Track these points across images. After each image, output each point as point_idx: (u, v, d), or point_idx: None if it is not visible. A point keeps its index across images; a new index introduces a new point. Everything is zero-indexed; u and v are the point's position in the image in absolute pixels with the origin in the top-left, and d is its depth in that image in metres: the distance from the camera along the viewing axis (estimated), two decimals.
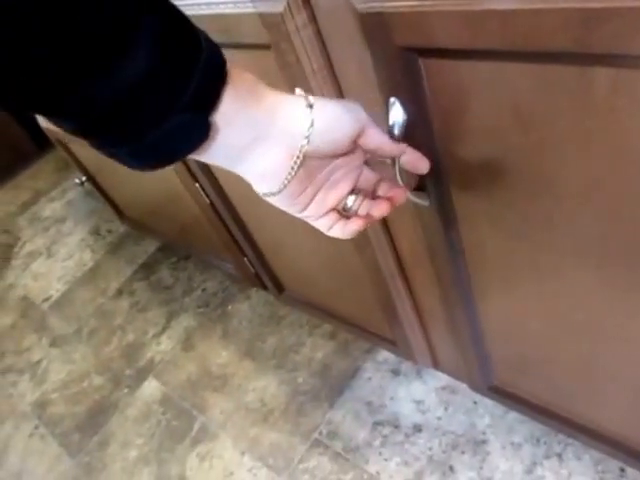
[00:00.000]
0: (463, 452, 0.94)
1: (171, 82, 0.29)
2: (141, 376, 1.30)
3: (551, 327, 0.61)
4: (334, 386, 1.10)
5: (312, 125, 0.36)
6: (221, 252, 1.21)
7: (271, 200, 0.40)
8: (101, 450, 1.20)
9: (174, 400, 1.22)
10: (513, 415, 0.95)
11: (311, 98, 0.37)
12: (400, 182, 0.48)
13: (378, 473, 0.95)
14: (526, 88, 0.38)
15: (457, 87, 0.42)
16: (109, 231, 1.78)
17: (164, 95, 0.30)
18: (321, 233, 0.44)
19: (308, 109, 0.36)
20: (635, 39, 0.30)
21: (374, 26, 0.42)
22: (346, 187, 0.42)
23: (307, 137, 0.36)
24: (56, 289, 1.68)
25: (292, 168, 0.37)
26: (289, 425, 1.07)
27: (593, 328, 0.57)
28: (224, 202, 0.96)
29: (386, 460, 0.96)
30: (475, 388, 0.90)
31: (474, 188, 0.51)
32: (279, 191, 0.38)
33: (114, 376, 1.33)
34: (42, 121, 1.30)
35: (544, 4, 0.31)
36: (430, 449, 0.96)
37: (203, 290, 1.43)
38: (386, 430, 1.00)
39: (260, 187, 0.38)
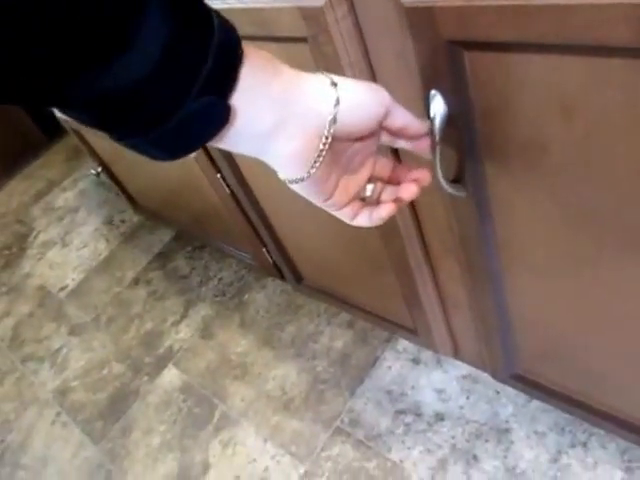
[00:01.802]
0: (487, 441, 0.94)
1: (185, 65, 0.28)
2: (161, 364, 1.31)
3: (584, 317, 0.61)
4: (354, 375, 1.10)
5: (338, 103, 0.34)
6: (239, 242, 1.21)
7: (297, 188, 0.38)
8: (124, 437, 1.21)
9: (194, 388, 1.22)
10: (536, 404, 0.95)
11: (334, 76, 0.35)
12: (439, 171, 0.48)
13: (401, 461, 0.96)
14: (577, 81, 0.37)
15: (502, 80, 0.42)
16: (122, 221, 1.78)
17: (178, 80, 0.28)
18: (345, 223, 0.43)
19: (332, 87, 0.34)
20: None
21: (420, 20, 0.41)
22: (366, 172, 0.41)
23: (334, 115, 0.34)
24: (72, 278, 1.69)
25: (321, 150, 0.35)
26: (310, 413, 1.08)
27: (626, 318, 0.57)
28: (246, 192, 0.95)
29: (409, 448, 0.97)
30: (498, 377, 0.90)
31: (513, 180, 0.50)
32: (308, 176, 0.36)
33: (134, 364, 1.34)
34: (57, 112, 1.30)
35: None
36: (453, 437, 0.96)
37: (219, 279, 1.44)
38: (408, 418, 1.01)
39: (287, 172, 0.36)
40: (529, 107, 0.42)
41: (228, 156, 0.90)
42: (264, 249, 1.12)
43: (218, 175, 0.97)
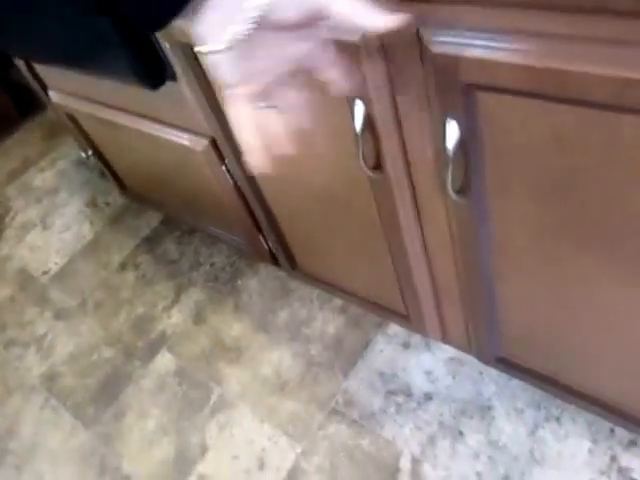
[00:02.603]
0: (471, 417, 1.07)
1: None
2: (154, 348, 1.40)
3: (562, 309, 0.74)
4: (347, 358, 1.22)
5: None
6: (233, 228, 1.30)
7: (219, 59, 0.39)
8: (117, 421, 1.31)
9: (189, 372, 1.32)
10: (516, 383, 1.08)
11: None
12: (449, 182, 0.59)
13: (394, 438, 1.08)
14: (568, 123, 0.49)
15: (508, 115, 0.53)
16: (107, 203, 1.84)
17: None
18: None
19: None
20: None
21: (444, 64, 0.52)
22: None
23: None
24: (55, 262, 1.75)
25: (248, 22, 0.37)
26: (306, 395, 1.19)
27: (597, 312, 0.70)
28: (250, 184, 1.04)
29: (400, 426, 1.10)
30: (483, 359, 1.03)
31: (510, 194, 0.62)
32: (230, 47, 0.38)
33: (125, 348, 1.43)
34: (53, 95, 1.36)
35: (592, 69, 0.42)
36: (441, 415, 1.09)
37: (211, 265, 1.53)
38: (399, 398, 1.13)
39: (213, 37, 0.38)
40: (528, 138, 0.54)
41: (234, 149, 0.98)
42: (260, 236, 1.22)
43: (223, 167, 1.06)
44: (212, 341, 1.36)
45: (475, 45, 0.50)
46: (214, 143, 1.03)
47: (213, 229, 1.42)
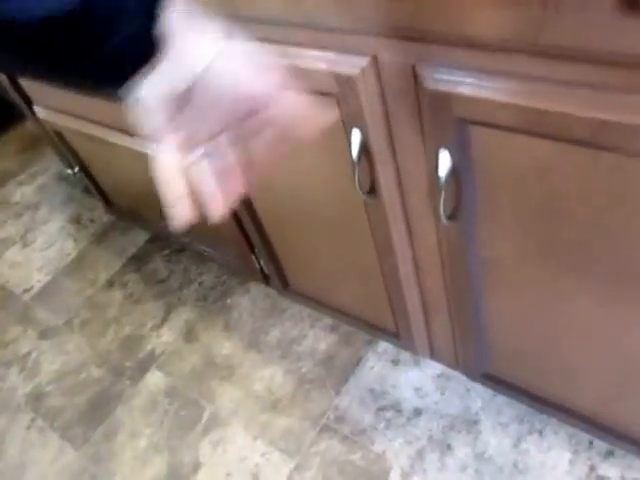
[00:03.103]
0: (459, 431, 1.15)
1: None
2: (143, 367, 1.46)
3: (546, 328, 0.83)
4: (339, 375, 1.29)
5: (214, 59, 0.39)
6: (223, 246, 1.37)
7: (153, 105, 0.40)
8: (108, 441, 1.36)
9: (180, 390, 1.38)
10: (501, 398, 1.17)
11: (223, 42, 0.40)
12: (442, 208, 0.67)
13: (384, 452, 1.16)
14: (549, 156, 0.58)
15: (496, 147, 0.62)
16: (91, 220, 1.90)
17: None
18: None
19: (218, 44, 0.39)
20: (626, 140, 0.50)
21: (438, 100, 0.60)
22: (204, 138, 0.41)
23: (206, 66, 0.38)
24: (37, 279, 1.79)
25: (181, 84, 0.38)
26: (298, 411, 1.26)
27: (577, 331, 0.79)
28: (245, 204, 1.12)
29: (390, 441, 1.17)
30: (470, 376, 1.11)
31: (497, 219, 0.70)
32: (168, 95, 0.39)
33: (114, 367, 1.49)
34: (39, 110, 1.42)
35: (571, 110, 0.51)
36: (430, 430, 1.17)
37: (200, 283, 1.59)
38: (389, 414, 1.21)
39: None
40: (515, 169, 0.62)
41: None
42: (252, 255, 1.29)
43: None
44: (203, 359, 1.43)
45: (467, 83, 0.58)
46: None
47: (203, 248, 1.49)
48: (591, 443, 1.08)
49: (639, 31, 0.44)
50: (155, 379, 1.43)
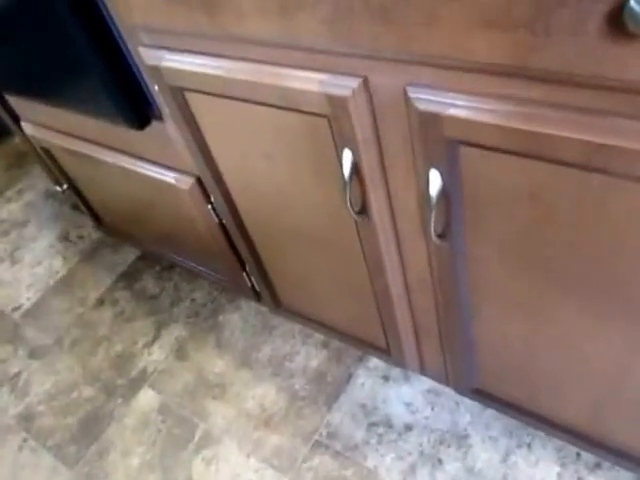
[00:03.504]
0: (449, 446, 1.16)
1: None
2: (135, 386, 1.44)
3: (534, 344, 0.83)
4: (330, 391, 1.29)
5: None
6: (215, 264, 1.37)
7: None
8: (101, 459, 1.34)
9: (173, 408, 1.37)
10: (490, 412, 1.17)
11: None
12: (432, 227, 0.67)
13: (376, 467, 1.15)
14: (541, 177, 0.58)
15: (487, 168, 0.62)
16: (80, 237, 1.89)
17: None
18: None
19: None
20: (617, 162, 0.50)
21: (429, 121, 0.61)
22: None
23: None
24: (27, 297, 1.78)
25: None
26: (290, 428, 1.26)
27: (562, 346, 0.80)
28: (236, 222, 1.12)
29: (382, 456, 1.17)
30: (460, 391, 1.11)
31: (487, 239, 0.71)
32: None
33: (105, 386, 1.47)
34: (27, 127, 1.42)
35: (563, 133, 0.51)
36: (420, 445, 1.17)
37: (192, 300, 1.59)
38: (381, 430, 1.21)
39: None
40: (506, 190, 0.63)
41: (223, 188, 1.05)
42: (244, 273, 1.29)
43: (209, 206, 1.13)
44: (195, 377, 1.42)
45: (457, 105, 0.59)
46: (200, 182, 1.10)
47: (194, 265, 1.49)
48: (579, 455, 1.08)
49: (624, 56, 0.45)
50: (147, 397, 1.41)
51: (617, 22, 0.43)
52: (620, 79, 0.47)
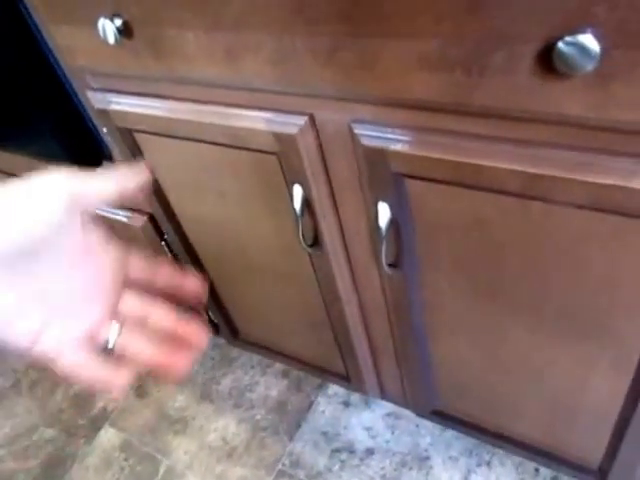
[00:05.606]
0: (411, 468, 1.13)
1: None
2: (96, 425, 1.37)
3: (489, 365, 0.83)
4: (291, 420, 1.25)
5: None
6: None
7: None
8: None
9: (135, 445, 1.31)
10: (450, 433, 1.15)
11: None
12: (383, 258, 0.66)
13: None
14: (485, 206, 0.58)
15: (433, 199, 0.62)
16: None
17: None
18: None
19: None
20: (554, 190, 0.50)
21: (374, 156, 0.60)
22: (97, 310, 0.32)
23: None
24: None
25: None
26: (253, 459, 1.21)
27: (515, 365, 0.79)
28: (191, 258, 1.08)
29: None
30: (419, 413, 1.09)
31: (438, 265, 0.70)
32: None
33: (66, 427, 1.39)
34: None
35: (502, 164, 0.51)
36: (382, 469, 1.14)
37: None
38: (343, 456, 1.17)
39: None
40: (453, 219, 0.63)
41: (175, 224, 1.02)
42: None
43: (162, 243, 1.10)
44: (156, 414, 1.36)
45: (402, 140, 0.59)
46: (152, 219, 1.06)
47: None
48: (537, 471, 1.07)
49: (556, 93, 0.45)
50: (109, 435, 1.35)
51: (548, 62, 0.43)
52: (552, 113, 0.47)
